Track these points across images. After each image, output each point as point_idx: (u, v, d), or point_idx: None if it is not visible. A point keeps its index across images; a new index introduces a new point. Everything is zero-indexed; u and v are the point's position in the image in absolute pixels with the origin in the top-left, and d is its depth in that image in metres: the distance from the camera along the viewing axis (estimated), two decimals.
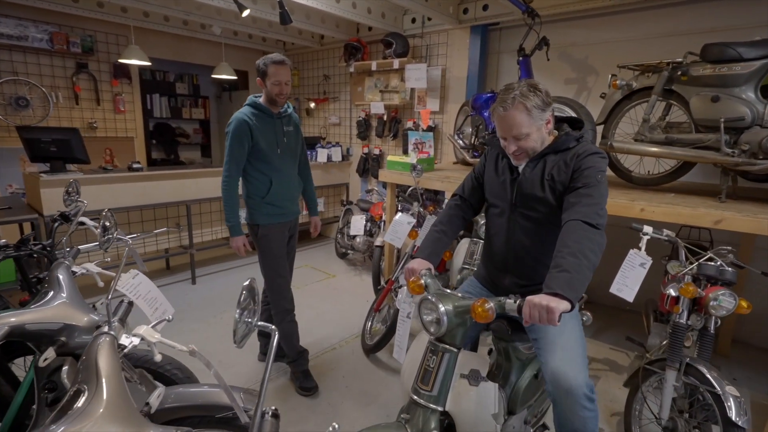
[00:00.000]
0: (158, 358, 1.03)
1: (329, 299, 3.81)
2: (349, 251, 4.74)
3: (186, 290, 3.96)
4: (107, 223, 1.34)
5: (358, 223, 4.31)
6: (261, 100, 2.32)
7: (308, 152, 4.97)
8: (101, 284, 1.48)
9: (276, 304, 2.45)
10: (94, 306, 1.41)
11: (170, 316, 1.17)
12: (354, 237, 4.46)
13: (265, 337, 2.76)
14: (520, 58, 3.03)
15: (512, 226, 1.62)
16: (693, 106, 2.27)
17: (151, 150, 6.64)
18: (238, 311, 0.76)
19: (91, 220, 1.89)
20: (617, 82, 2.55)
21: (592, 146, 1.52)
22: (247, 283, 0.77)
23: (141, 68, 5.81)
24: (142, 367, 1.54)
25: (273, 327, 0.76)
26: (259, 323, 0.78)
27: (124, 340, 0.99)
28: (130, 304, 1.09)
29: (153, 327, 1.06)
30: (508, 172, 1.64)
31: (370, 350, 2.86)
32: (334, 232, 5.26)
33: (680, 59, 2.33)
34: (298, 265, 4.73)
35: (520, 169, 1.59)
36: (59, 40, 4.19)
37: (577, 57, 3.63)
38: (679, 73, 2.33)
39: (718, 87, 2.18)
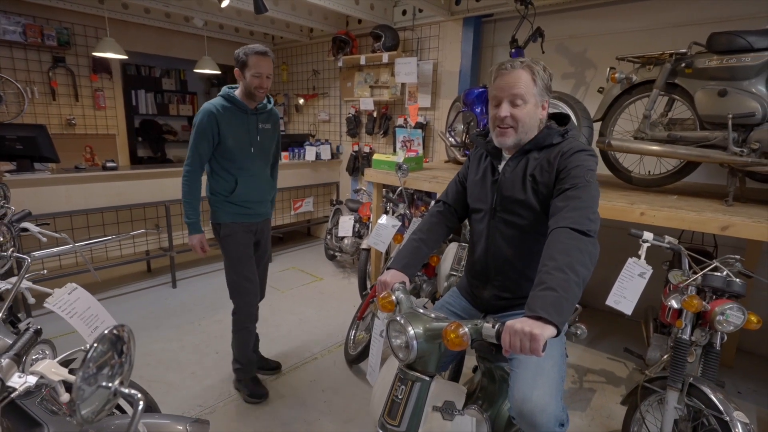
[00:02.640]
0: (65, 398, 0.86)
1: (314, 304, 3.64)
2: (337, 253, 4.57)
3: (165, 294, 3.79)
4: (0, 238, 1.16)
5: (346, 224, 4.14)
6: (237, 92, 2.13)
7: (296, 150, 4.85)
8: (32, 301, 1.31)
9: (238, 309, 2.28)
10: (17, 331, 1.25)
11: (87, 346, 0.99)
12: (342, 238, 4.29)
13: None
14: (513, 50, 2.85)
15: (492, 233, 1.45)
16: (698, 100, 2.09)
17: (137, 148, 6.46)
18: (80, 373, 0.56)
19: (37, 225, 1.71)
20: (616, 75, 2.37)
21: (579, 142, 1.34)
22: (107, 331, 0.59)
23: (125, 63, 5.63)
24: None
25: (139, 395, 0.58)
26: (124, 389, 0.60)
27: (15, 380, 0.81)
28: (37, 332, 0.92)
29: (60, 361, 0.88)
30: (490, 173, 1.47)
31: (353, 361, 2.69)
32: (324, 233, 5.09)
33: (684, 50, 2.15)
34: (284, 267, 4.61)
35: (500, 168, 1.43)
36: (33, 33, 4.00)
37: (574, 50, 3.44)
38: (683, 65, 2.15)
39: (725, 80, 2.01)
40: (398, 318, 1.17)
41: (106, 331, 0.59)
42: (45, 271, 1.42)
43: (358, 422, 2.22)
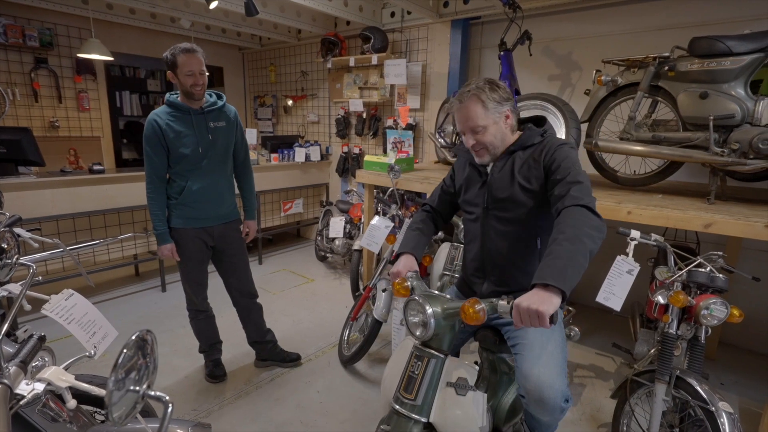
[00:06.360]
0: (72, 404, 0.86)
1: (306, 306, 3.65)
2: (328, 254, 4.58)
3: (155, 298, 3.75)
4: (4, 245, 1.14)
5: (336, 225, 4.15)
6: (178, 97, 2.14)
7: (286, 151, 4.83)
8: (28, 308, 1.29)
9: (188, 303, 2.47)
10: (15, 339, 1.24)
11: (93, 351, 0.99)
12: (333, 239, 4.30)
13: (260, 342, 2.66)
14: (502, 53, 2.90)
15: (487, 230, 1.55)
16: (680, 102, 2.17)
17: (122, 150, 6.36)
18: (112, 377, 0.57)
19: (28, 231, 1.68)
20: (602, 77, 2.44)
21: (559, 139, 1.47)
22: (134, 337, 0.60)
23: (108, 64, 5.56)
24: (90, 399, 1.36)
25: (167, 398, 0.60)
26: (151, 392, 0.61)
27: (24, 387, 0.82)
28: (41, 339, 0.92)
29: (66, 367, 0.88)
30: (477, 175, 1.58)
31: (348, 361, 2.71)
32: (314, 234, 5.09)
33: (667, 54, 2.23)
34: (275, 269, 4.60)
35: (489, 170, 1.53)
36: (14, 33, 3.91)
37: (560, 52, 3.52)
38: (666, 68, 2.22)
39: (706, 83, 2.08)
40: (417, 297, 1.24)
41: (133, 337, 0.61)
42: (40, 277, 1.40)
43: (354, 422, 2.24)
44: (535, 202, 1.43)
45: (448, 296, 1.28)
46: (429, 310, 1.20)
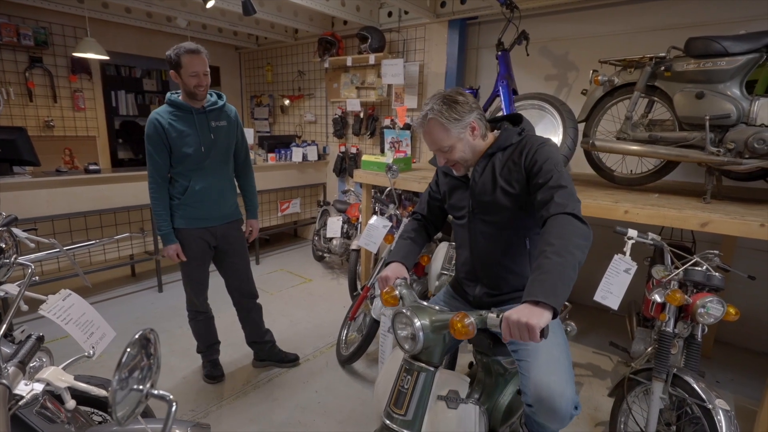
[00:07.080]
0: (71, 405, 0.86)
1: (304, 306, 3.64)
2: (326, 254, 4.57)
3: (152, 299, 3.73)
4: (2, 245, 1.14)
5: (334, 225, 4.15)
6: (180, 96, 2.13)
7: (283, 151, 4.82)
8: (25, 308, 1.28)
9: (188, 304, 2.46)
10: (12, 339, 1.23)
11: (91, 351, 0.98)
12: (331, 239, 4.29)
13: (259, 342, 2.65)
14: (499, 53, 2.91)
15: (474, 234, 1.54)
16: (677, 102, 2.18)
17: (118, 150, 6.33)
18: (116, 376, 0.57)
19: (25, 231, 1.67)
20: (599, 77, 2.45)
21: (537, 137, 1.43)
22: (137, 335, 0.60)
23: (104, 63, 5.53)
24: (88, 400, 1.35)
25: (171, 397, 0.59)
26: (155, 392, 0.61)
27: (22, 388, 0.81)
28: (40, 339, 0.91)
29: (64, 367, 0.88)
30: (460, 181, 1.56)
31: (346, 361, 2.71)
32: (311, 234, 5.08)
33: (663, 54, 2.24)
34: (272, 269, 4.59)
35: (470, 173, 1.50)
36: (8, 32, 3.88)
37: (557, 52, 3.53)
38: (663, 68, 2.23)
39: (702, 83, 2.09)
40: (405, 310, 1.20)
41: (136, 336, 0.60)
42: (37, 277, 1.39)
43: (353, 422, 2.24)
44: (519, 205, 1.40)
45: (437, 307, 1.24)
46: (417, 323, 1.16)
